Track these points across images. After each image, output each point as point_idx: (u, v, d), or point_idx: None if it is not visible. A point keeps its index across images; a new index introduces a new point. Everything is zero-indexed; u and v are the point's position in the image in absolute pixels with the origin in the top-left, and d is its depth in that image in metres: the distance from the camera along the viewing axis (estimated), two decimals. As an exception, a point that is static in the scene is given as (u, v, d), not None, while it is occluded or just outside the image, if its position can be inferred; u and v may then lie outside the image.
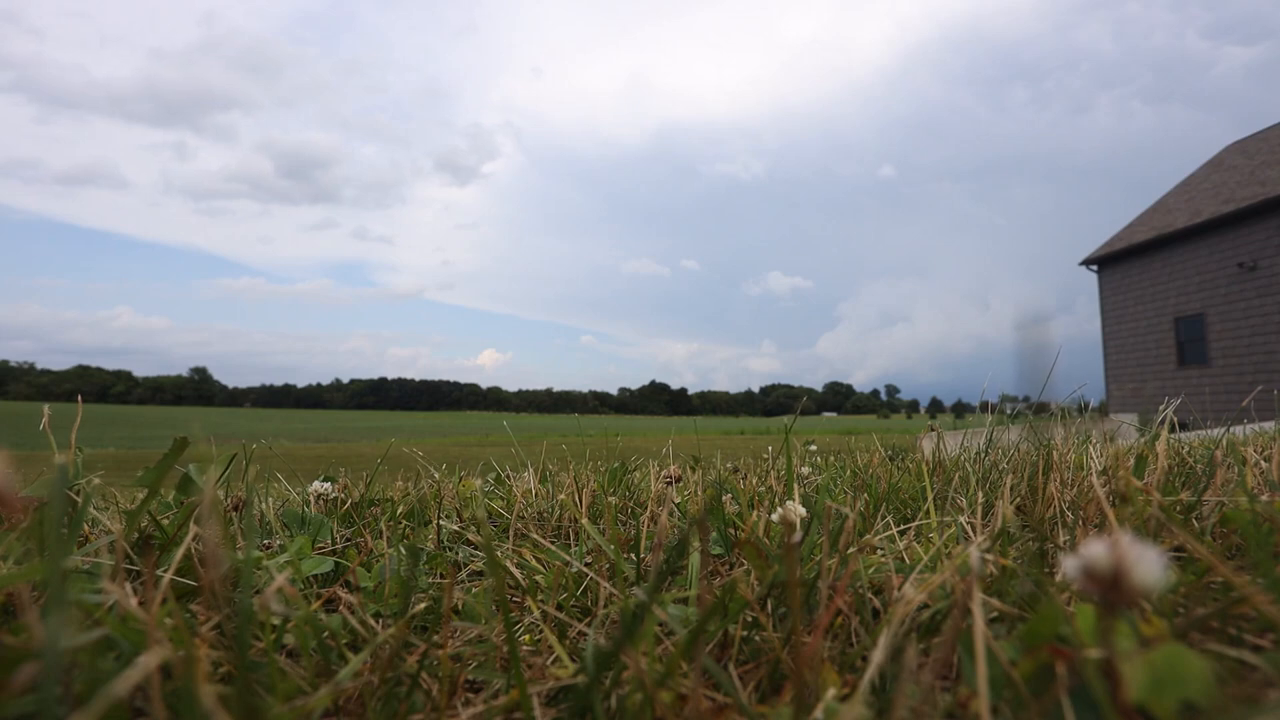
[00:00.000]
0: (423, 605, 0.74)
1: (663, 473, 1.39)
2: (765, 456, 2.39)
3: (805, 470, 1.90)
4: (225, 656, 0.60)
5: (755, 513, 1.09)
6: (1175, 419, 1.46)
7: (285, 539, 1.11)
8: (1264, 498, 0.94)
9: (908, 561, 0.84)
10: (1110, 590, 0.42)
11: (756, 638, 0.66)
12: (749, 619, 0.67)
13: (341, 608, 0.74)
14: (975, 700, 0.45)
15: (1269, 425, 2.85)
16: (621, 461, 1.98)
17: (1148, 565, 0.42)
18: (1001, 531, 0.80)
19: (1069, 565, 0.44)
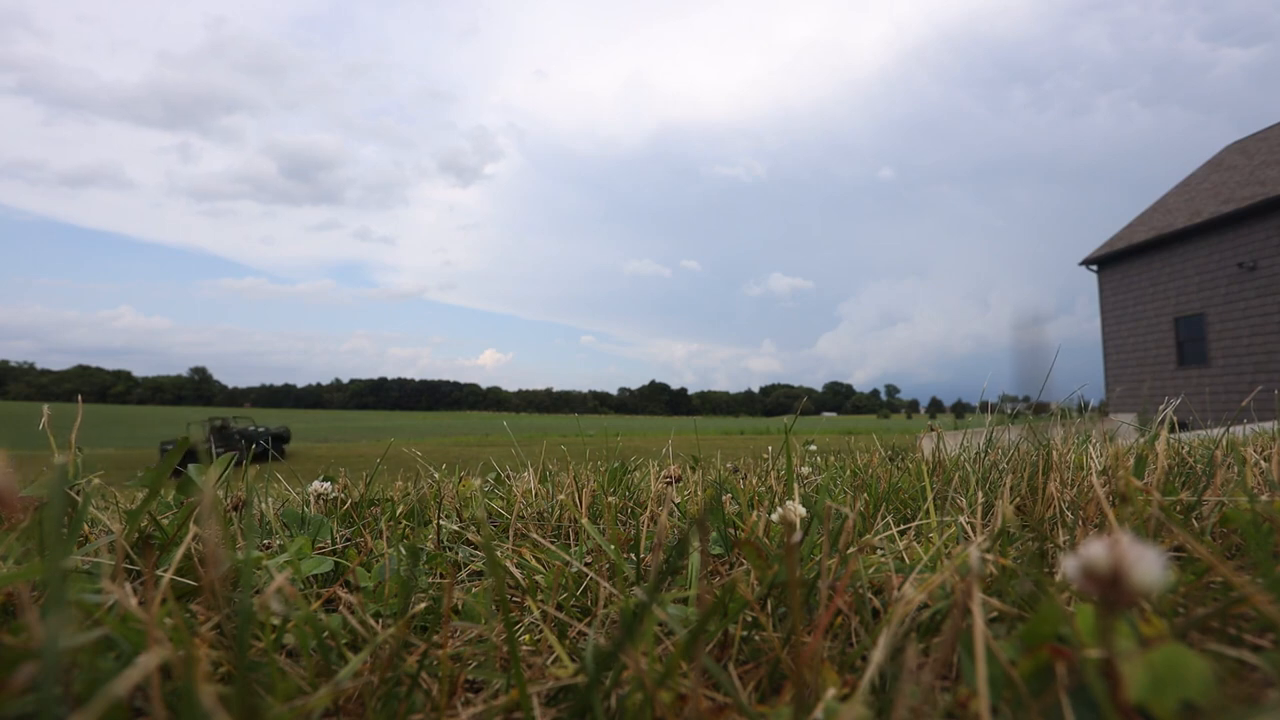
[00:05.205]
0: (423, 605, 0.74)
1: (663, 473, 1.39)
2: (765, 456, 2.39)
3: (805, 470, 1.90)
4: (225, 656, 0.60)
5: (755, 513, 1.09)
6: (1175, 419, 1.46)
7: (285, 539, 1.11)
8: (1264, 498, 0.94)
9: (908, 561, 0.84)
10: (1110, 590, 0.42)
11: (756, 638, 0.66)
12: (749, 619, 0.67)
13: (341, 608, 0.74)
14: (975, 700, 0.45)
15: (1269, 425, 2.85)
16: (621, 461, 1.98)
17: (1148, 565, 0.42)
18: (1001, 531, 0.80)
19: (1069, 565, 0.44)
